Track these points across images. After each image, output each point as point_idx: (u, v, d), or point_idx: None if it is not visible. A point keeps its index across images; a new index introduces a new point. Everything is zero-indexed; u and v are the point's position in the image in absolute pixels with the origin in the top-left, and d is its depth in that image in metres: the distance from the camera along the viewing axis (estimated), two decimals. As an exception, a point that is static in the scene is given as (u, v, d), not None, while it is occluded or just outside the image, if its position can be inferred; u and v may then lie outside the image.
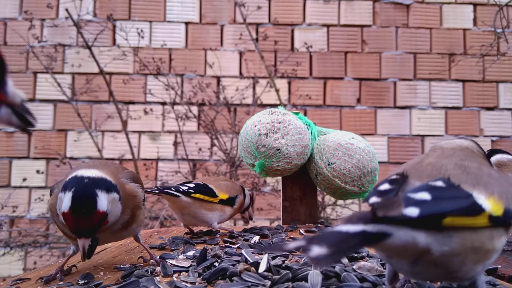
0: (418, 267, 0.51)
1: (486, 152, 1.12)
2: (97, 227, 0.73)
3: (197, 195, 1.18)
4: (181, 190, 1.16)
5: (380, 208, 0.47)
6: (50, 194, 0.84)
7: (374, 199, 0.52)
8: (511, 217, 0.52)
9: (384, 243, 0.45)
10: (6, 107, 0.50)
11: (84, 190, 0.72)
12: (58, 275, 0.79)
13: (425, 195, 0.49)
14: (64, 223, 0.74)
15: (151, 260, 0.89)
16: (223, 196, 1.24)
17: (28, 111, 0.52)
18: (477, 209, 0.49)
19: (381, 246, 0.49)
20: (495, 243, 0.52)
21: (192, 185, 1.19)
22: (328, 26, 3.03)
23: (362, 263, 0.79)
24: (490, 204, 0.50)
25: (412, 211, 0.46)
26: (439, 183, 0.52)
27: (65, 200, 0.71)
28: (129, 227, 0.86)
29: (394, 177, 0.58)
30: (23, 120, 0.53)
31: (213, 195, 1.21)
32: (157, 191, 1.11)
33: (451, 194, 0.51)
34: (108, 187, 0.75)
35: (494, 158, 1.14)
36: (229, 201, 1.26)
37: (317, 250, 0.40)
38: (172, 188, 1.15)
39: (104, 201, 0.73)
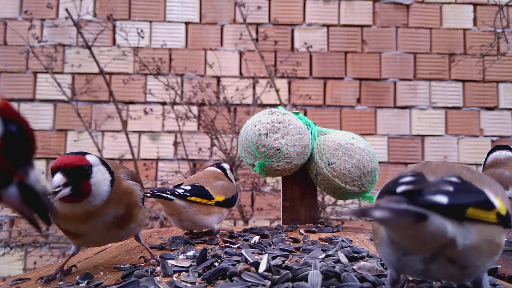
0: (433, 265, 0.52)
1: (490, 149, 1.14)
2: (76, 170, 0.73)
3: (193, 198, 1.14)
4: (177, 193, 1.11)
5: (414, 193, 0.49)
6: None
7: (403, 188, 0.52)
8: (510, 219, 0.55)
9: (421, 225, 0.46)
10: (18, 187, 0.43)
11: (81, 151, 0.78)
12: (58, 275, 0.79)
13: (448, 187, 0.51)
14: (61, 221, 0.76)
15: (152, 260, 0.89)
16: (219, 198, 1.22)
17: (51, 207, 0.43)
18: (490, 205, 0.52)
19: (414, 230, 0.48)
20: (501, 238, 0.55)
21: (187, 188, 1.16)
22: (328, 26, 3.03)
23: (362, 263, 0.79)
24: (498, 202, 0.53)
25: (441, 199, 0.48)
26: (454, 179, 0.55)
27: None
28: (126, 226, 0.85)
29: (409, 173, 0.58)
30: (40, 213, 0.44)
31: (209, 197, 1.19)
32: (149, 195, 1.04)
33: (467, 188, 0.54)
34: (103, 163, 0.79)
35: (492, 156, 1.15)
36: (225, 203, 1.24)
37: (379, 213, 0.44)
38: (167, 192, 1.10)
39: (94, 159, 0.77)
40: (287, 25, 3.02)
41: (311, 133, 1.48)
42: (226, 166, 1.44)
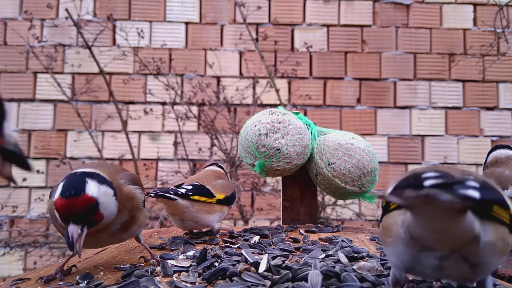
0: (448, 262, 0.52)
1: (490, 149, 1.13)
2: (86, 213, 0.72)
3: (196, 197, 1.15)
4: (179, 193, 1.12)
5: (451, 185, 0.47)
6: (50, 197, 0.83)
7: (431, 181, 0.50)
8: None
9: (458, 219, 0.46)
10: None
11: (75, 178, 0.74)
12: (58, 275, 0.79)
13: (473, 183, 0.50)
14: (60, 222, 0.75)
15: (152, 260, 0.89)
16: (220, 196, 1.23)
17: (21, 158, 0.49)
18: (507, 205, 0.53)
19: (451, 223, 0.48)
20: (510, 239, 0.55)
21: (189, 187, 1.17)
22: (328, 26, 3.03)
23: (362, 263, 0.79)
24: (510, 204, 0.54)
25: (474, 193, 0.46)
26: (472, 177, 0.54)
27: (57, 191, 0.73)
28: (129, 229, 0.86)
29: (429, 170, 0.56)
30: (18, 163, 0.49)
31: (211, 195, 1.20)
32: (153, 195, 1.06)
33: (488, 186, 0.53)
34: (101, 180, 0.76)
35: (492, 155, 1.15)
36: (226, 201, 1.25)
37: (445, 196, 0.42)
38: (170, 192, 1.11)
39: (94, 187, 0.73)
40: (287, 25, 3.02)
41: (311, 133, 1.48)
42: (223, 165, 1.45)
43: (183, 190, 1.14)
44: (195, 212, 1.15)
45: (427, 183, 0.49)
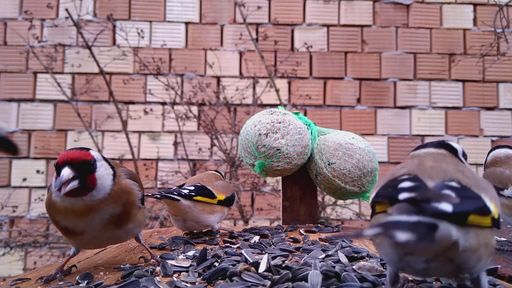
0: (434, 263, 0.53)
1: (490, 149, 1.15)
2: (82, 165, 0.75)
3: (198, 198, 1.16)
4: (183, 193, 1.13)
5: (421, 201, 0.49)
6: (48, 192, 0.83)
7: (405, 195, 0.52)
8: (499, 220, 0.58)
9: (432, 234, 0.47)
10: None
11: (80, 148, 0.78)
12: (58, 275, 0.79)
13: (450, 192, 0.52)
14: (56, 218, 0.77)
15: (152, 260, 0.89)
16: (221, 197, 1.24)
17: (10, 141, 0.54)
18: (487, 210, 0.54)
19: (424, 238, 0.49)
20: (493, 239, 0.57)
21: (191, 188, 1.18)
22: (328, 26, 3.03)
23: (362, 263, 0.79)
24: (493, 207, 0.55)
25: (447, 207, 0.49)
26: (454, 184, 0.55)
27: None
28: (124, 226, 0.84)
29: (405, 176, 0.58)
30: (8, 148, 0.55)
31: (212, 196, 1.21)
32: (158, 196, 1.08)
33: (467, 194, 0.54)
34: (104, 158, 0.80)
35: (491, 154, 1.15)
36: (226, 201, 1.26)
37: (402, 236, 0.44)
38: (174, 192, 1.13)
39: (96, 154, 0.78)
40: (287, 25, 3.02)
41: (311, 133, 1.48)
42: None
43: (186, 191, 1.15)
44: (197, 212, 1.16)
45: (401, 196, 0.52)
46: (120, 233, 0.85)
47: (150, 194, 1.07)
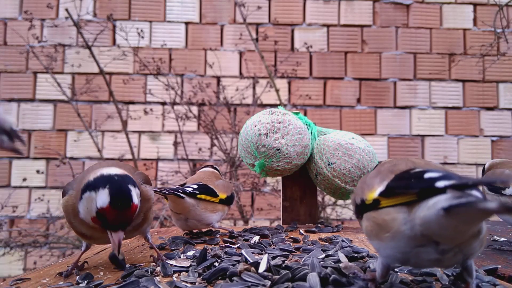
0: (448, 254, 0.55)
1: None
2: (131, 219, 0.75)
3: (202, 196, 1.17)
4: (187, 191, 1.14)
5: (472, 185, 0.52)
6: (63, 195, 0.84)
7: (445, 182, 0.53)
8: None
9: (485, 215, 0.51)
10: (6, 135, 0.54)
11: (120, 186, 0.74)
12: (74, 270, 0.82)
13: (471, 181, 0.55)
14: (91, 221, 0.76)
15: (159, 260, 0.89)
16: (222, 195, 1.24)
17: (18, 136, 0.56)
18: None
19: (478, 220, 0.53)
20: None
21: (195, 186, 1.19)
22: (328, 26, 3.03)
23: (349, 264, 0.78)
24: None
25: (477, 193, 0.53)
26: (449, 173, 0.57)
27: (102, 197, 0.73)
28: (141, 228, 0.88)
29: (419, 169, 0.60)
30: (19, 140, 0.57)
31: (215, 195, 1.22)
32: (166, 192, 1.09)
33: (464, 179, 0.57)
34: (133, 182, 0.78)
35: (488, 162, 1.19)
36: (227, 200, 1.27)
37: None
38: (179, 190, 1.13)
39: (135, 194, 0.76)
40: (287, 25, 3.02)
41: (311, 133, 1.48)
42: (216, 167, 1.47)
43: (190, 189, 1.16)
44: (200, 211, 1.17)
45: (439, 184, 0.53)
46: (135, 233, 0.89)
47: (158, 190, 1.07)
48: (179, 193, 1.12)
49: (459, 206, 0.48)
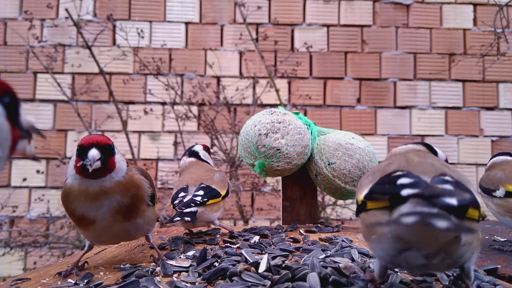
0: (434, 259, 0.54)
1: (493, 155, 1.21)
2: (105, 148, 0.82)
3: (210, 201, 1.17)
4: (198, 202, 1.13)
5: (430, 197, 0.51)
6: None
7: (409, 191, 0.53)
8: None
9: (443, 224, 0.48)
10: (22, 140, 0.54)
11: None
12: (74, 270, 0.82)
13: (449, 187, 0.54)
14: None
15: (159, 261, 0.89)
16: (223, 192, 1.24)
17: (39, 132, 0.57)
18: (478, 203, 0.56)
19: (432, 229, 0.50)
20: (480, 233, 0.60)
21: (201, 193, 1.17)
22: (328, 26, 3.03)
23: (349, 264, 0.79)
24: (479, 200, 0.57)
25: (452, 201, 0.51)
26: (448, 178, 0.57)
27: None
28: (133, 219, 0.87)
29: (399, 172, 0.59)
30: (41, 136, 0.59)
31: (219, 195, 1.22)
32: (178, 219, 1.05)
33: (461, 188, 0.56)
34: (114, 147, 0.87)
35: (491, 160, 1.20)
36: (226, 194, 1.27)
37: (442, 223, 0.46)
38: (191, 204, 1.11)
39: (114, 144, 0.85)
40: (287, 25, 3.02)
41: (311, 133, 1.48)
42: (197, 148, 1.41)
43: (198, 199, 1.14)
44: (207, 213, 1.17)
45: (404, 192, 0.53)
46: (129, 227, 0.88)
47: (167, 221, 1.07)
48: (189, 218, 1.08)
49: (408, 216, 0.47)
